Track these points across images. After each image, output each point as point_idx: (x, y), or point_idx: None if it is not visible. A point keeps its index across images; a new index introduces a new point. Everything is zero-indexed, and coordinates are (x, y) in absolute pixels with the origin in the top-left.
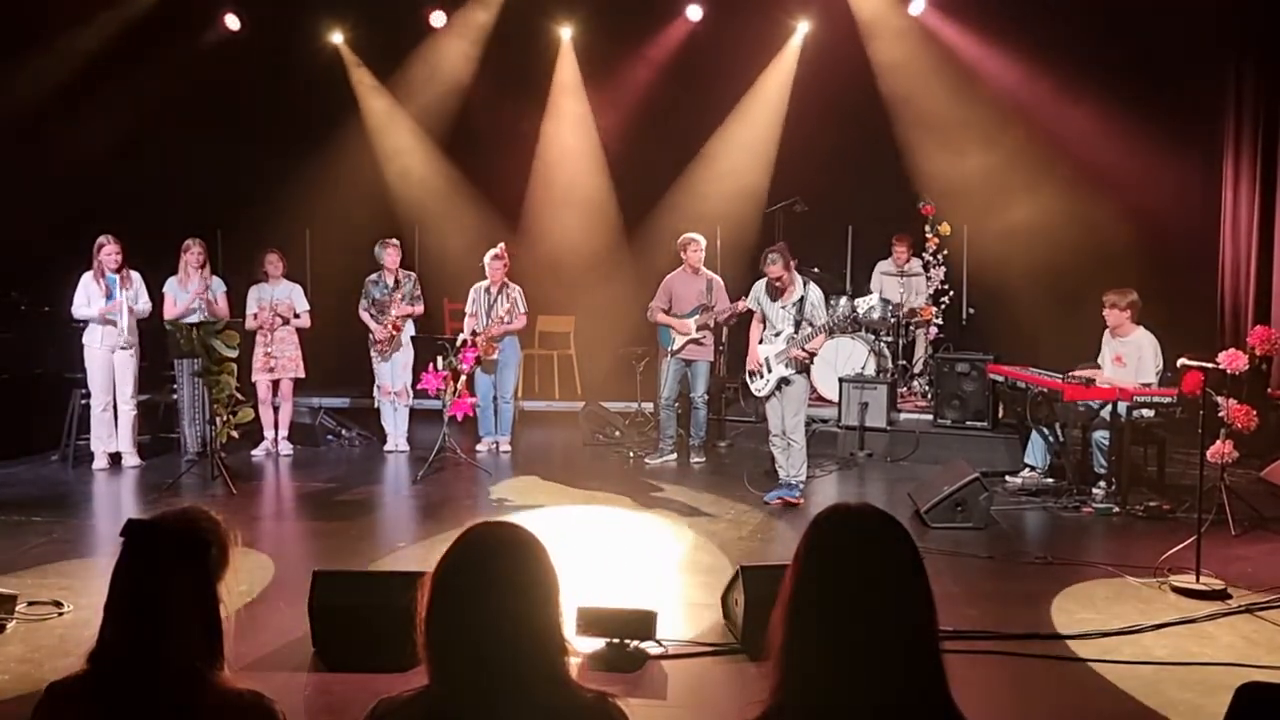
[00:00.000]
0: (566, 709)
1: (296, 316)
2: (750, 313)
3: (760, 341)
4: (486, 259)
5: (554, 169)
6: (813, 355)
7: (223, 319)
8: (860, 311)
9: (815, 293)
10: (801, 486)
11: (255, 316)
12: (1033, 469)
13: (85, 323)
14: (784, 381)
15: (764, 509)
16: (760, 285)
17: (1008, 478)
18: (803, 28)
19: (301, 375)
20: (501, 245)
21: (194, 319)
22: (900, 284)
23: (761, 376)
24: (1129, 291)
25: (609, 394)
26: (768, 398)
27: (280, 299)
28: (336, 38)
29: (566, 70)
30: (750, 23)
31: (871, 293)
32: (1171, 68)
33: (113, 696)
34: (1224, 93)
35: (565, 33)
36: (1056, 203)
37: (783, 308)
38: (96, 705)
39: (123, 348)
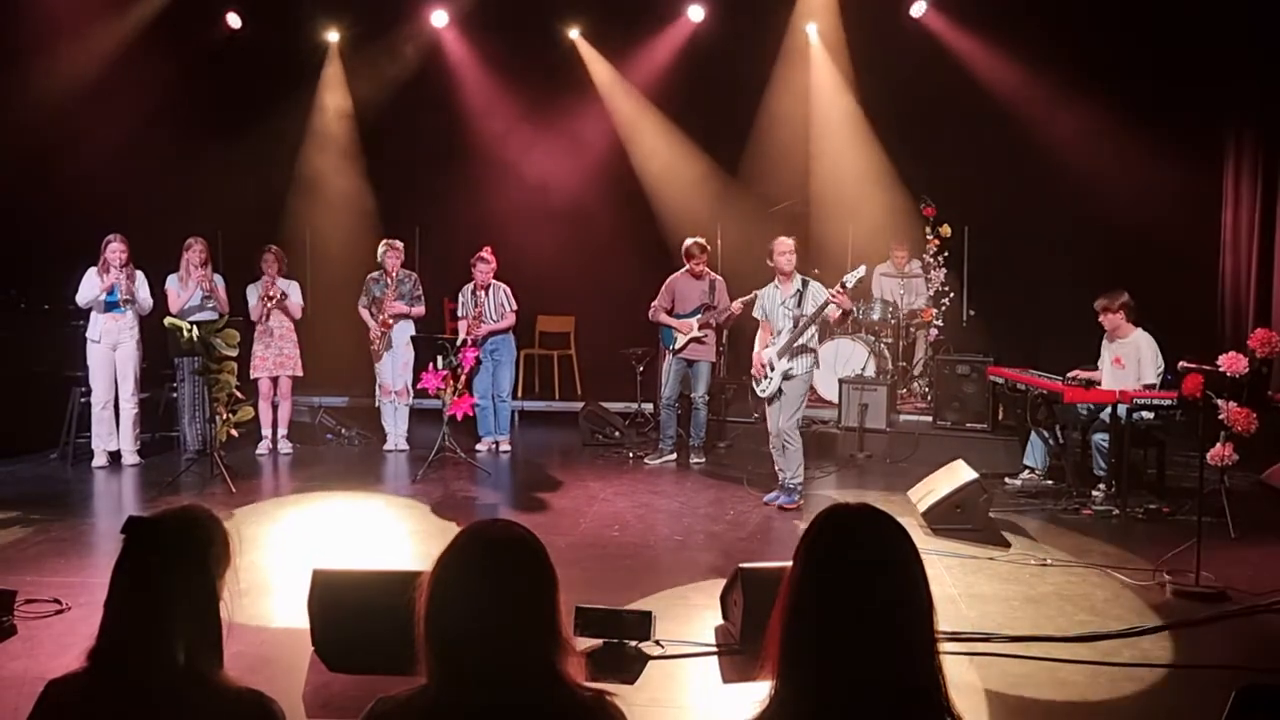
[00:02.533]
0: (565, 708)
1: (286, 296)
2: (756, 318)
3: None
4: (473, 261)
5: (554, 168)
6: (847, 314)
7: (223, 311)
8: (849, 285)
9: (814, 287)
10: (800, 490)
11: (255, 309)
12: (1031, 470)
13: (87, 319)
14: (786, 377)
15: (763, 509)
16: (764, 291)
17: (1006, 480)
18: (811, 29)
19: (299, 374)
20: (487, 248)
21: (199, 316)
22: (900, 286)
23: (766, 378)
24: (1119, 293)
25: (609, 394)
26: (771, 400)
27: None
28: (333, 36)
29: (569, 69)
30: (755, 23)
31: (859, 267)
32: (1172, 70)
33: (112, 694)
34: (1225, 94)
35: (573, 32)
36: (1057, 205)
37: (783, 304)
38: (95, 703)
39: (126, 301)
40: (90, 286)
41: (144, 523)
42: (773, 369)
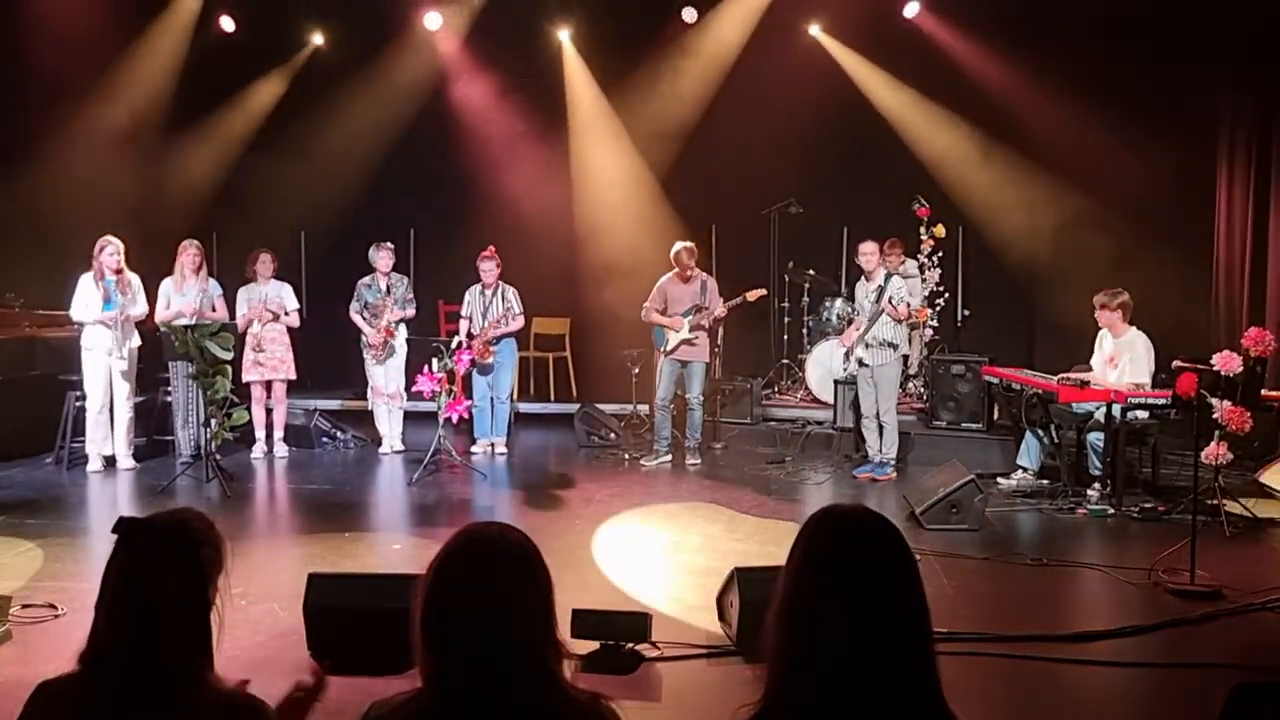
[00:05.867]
0: (560, 711)
1: (286, 314)
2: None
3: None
4: (478, 261)
5: (551, 168)
6: (909, 319)
7: (219, 322)
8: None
9: (895, 282)
10: (891, 464)
11: (242, 322)
12: (1025, 470)
13: (83, 325)
14: (863, 364)
15: (760, 510)
16: (859, 285)
17: (999, 480)
18: (814, 29)
19: (293, 377)
20: (490, 246)
21: (184, 322)
22: None
23: (846, 358)
24: (1119, 292)
25: (604, 396)
26: (860, 384)
27: (271, 298)
28: (317, 39)
29: (566, 71)
30: (751, 23)
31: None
32: (1166, 68)
33: (103, 696)
34: (1219, 93)
35: (564, 35)
36: (1052, 204)
37: (866, 297)
38: (87, 704)
39: (120, 358)
40: (85, 301)
41: (135, 523)
42: (848, 356)
